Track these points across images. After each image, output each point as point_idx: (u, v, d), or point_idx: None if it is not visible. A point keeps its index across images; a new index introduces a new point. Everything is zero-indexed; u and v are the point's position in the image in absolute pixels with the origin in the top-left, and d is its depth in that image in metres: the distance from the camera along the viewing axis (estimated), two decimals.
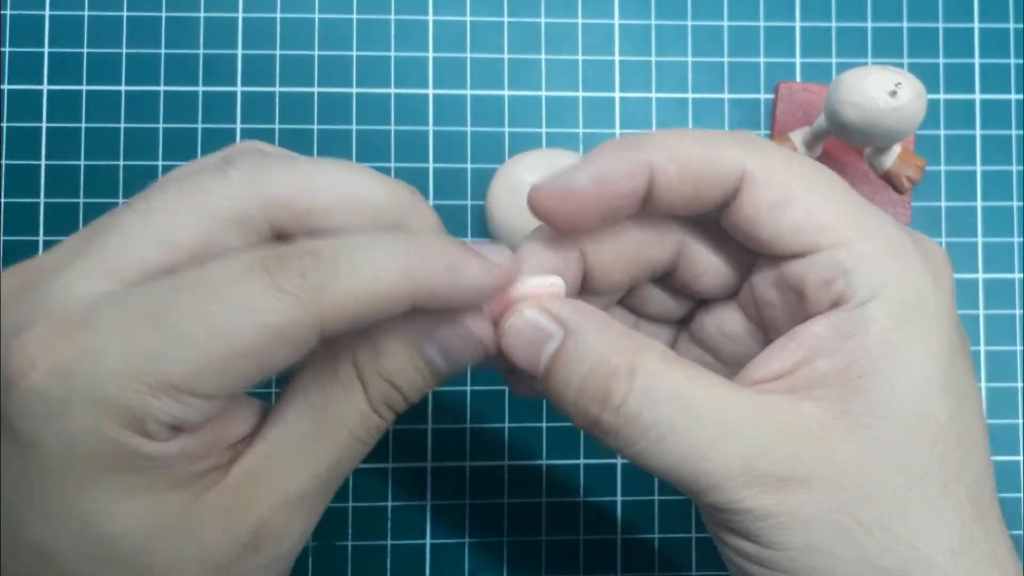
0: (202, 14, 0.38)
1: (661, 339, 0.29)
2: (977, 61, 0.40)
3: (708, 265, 0.27)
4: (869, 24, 0.40)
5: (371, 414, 0.22)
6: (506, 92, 0.39)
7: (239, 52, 0.38)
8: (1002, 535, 0.23)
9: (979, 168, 0.40)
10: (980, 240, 0.39)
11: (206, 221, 0.21)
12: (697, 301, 0.28)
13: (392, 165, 0.38)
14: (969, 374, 0.23)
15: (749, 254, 0.25)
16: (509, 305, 0.24)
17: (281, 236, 0.22)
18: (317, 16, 0.39)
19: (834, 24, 0.40)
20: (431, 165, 0.38)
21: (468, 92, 0.39)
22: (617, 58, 0.39)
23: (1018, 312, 0.39)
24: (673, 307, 0.29)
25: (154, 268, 0.21)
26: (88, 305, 0.20)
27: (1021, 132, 0.40)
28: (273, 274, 0.20)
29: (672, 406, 0.22)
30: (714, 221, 0.25)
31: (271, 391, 0.35)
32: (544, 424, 0.38)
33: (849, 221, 0.23)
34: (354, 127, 0.38)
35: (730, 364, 0.27)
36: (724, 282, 0.26)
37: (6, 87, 0.38)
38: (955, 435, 0.22)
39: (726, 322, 0.27)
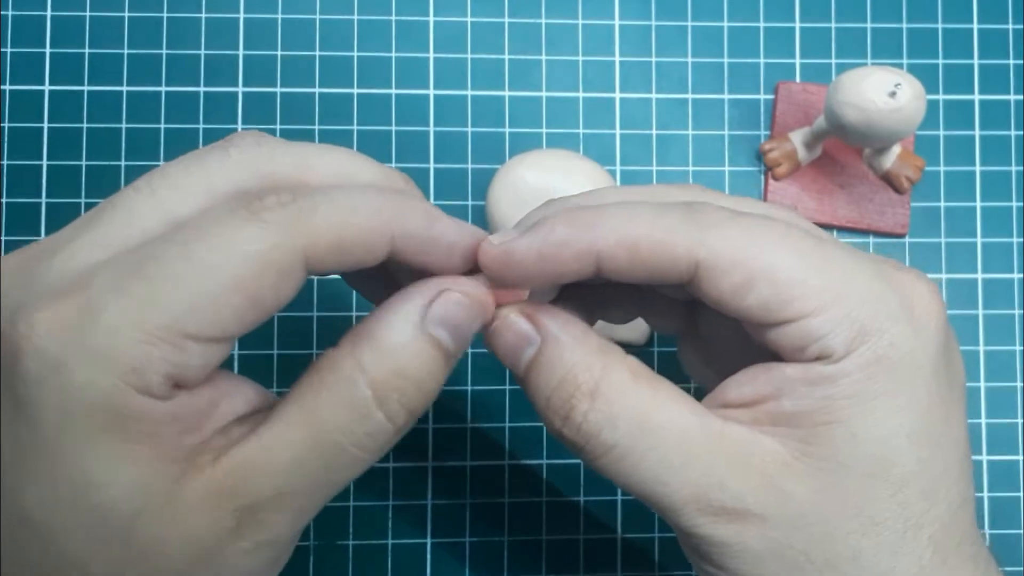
0: (204, 15, 0.38)
1: (670, 326, 0.29)
2: (976, 62, 0.40)
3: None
4: (869, 24, 0.40)
5: (378, 415, 0.22)
6: (507, 93, 0.39)
7: (240, 53, 0.38)
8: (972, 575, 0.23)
9: (978, 168, 0.40)
10: (979, 240, 0.39)
11: (206, 195, 0.22)
12: (690, 312, 0.29)
13: (393, 166, 0.38)
14: (949, 420, 0.23)
15: None
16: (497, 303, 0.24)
17: None
18: (318, 17, 0.39)
19: (834, 25, 0.40)
20: (432, 165, 0.38)
21: (469, 93, 0.39)
22: (617, 59, 0.39)
23: (1017, 312, 0.39)
24: (666, 317, 0.29)
25: (153, 240, 0.21)
26: (85, 270, 0.20)
27: (1020, 132, 0.40)
28: (253, 209, 0.20)
29: (632, 429, 0.22)
30: None
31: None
32: (543, 424, 0.38)
33: (819, 286, 0.22)
34: (355, 127, 0.38)
35: (726, 363, 0.27)
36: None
37: (8, 87, 0.38)
38: (922, 483, 0.22)
39: (721, 335, 0.27)
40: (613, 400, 0.23)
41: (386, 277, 0.26)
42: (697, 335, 0.29)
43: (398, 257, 0.23)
